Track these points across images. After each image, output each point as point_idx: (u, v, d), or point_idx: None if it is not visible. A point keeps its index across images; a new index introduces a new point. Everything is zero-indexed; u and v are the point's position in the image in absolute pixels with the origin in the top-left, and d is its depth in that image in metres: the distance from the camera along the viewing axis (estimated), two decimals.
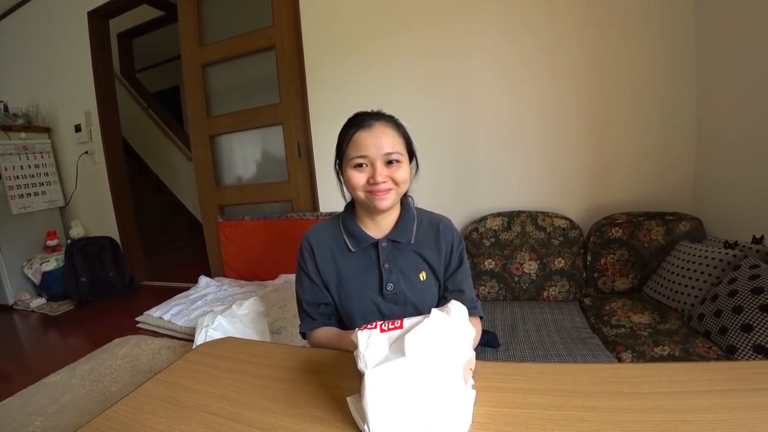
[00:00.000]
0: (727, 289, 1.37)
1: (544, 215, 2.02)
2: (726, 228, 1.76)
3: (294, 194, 2.57)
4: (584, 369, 0.70)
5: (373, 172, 0.82)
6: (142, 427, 0.64)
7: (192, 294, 2.33)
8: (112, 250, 3.21)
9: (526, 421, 0.58)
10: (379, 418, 0.56)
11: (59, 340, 2.49)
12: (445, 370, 0.56)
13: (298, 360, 0.81)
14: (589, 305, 1.80)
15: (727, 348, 1.27)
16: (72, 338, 2.49)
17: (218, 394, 0.72)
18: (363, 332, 0.60)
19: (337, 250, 0.93)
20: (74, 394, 1.71)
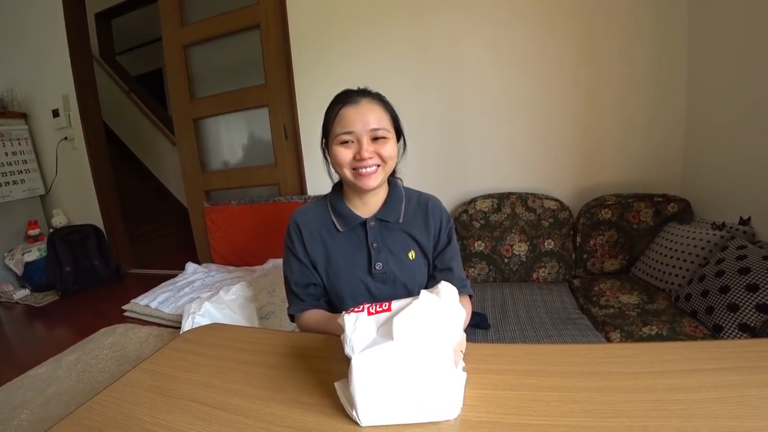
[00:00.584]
0: (714, 269, 1.38)
1: (533, 197, 2.01)
2: (713, 209, 1.77)
3: (281, 177, 2.53)
4: (575, 349, 0.69)
5: (359, 148, 0.81)
6: (126, 418, 0.62)
7: (179, 281, 2.30)
8: (96, 238, 3.13)
9: (518, 403, 0.57)
10: (368, 403, 0.54)
11: (44, 331, 2.45)
12: (435, 354, 0.55)
13: (285, 345, 0.80)
14: (578, 286, 1.82)
15: (713, 327, 1.29)
16: (57, 329, 2.45)
17: (203, 382, 0.70)
18: (350, 315, 0.58)
19: (324, 230, 0.92)
20: (60, 386, 1.69)
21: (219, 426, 0.58)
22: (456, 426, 0.54)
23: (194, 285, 2.20)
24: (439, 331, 0.55)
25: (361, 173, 0.83)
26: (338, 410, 0.58)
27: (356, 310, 0.59)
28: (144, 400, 0.66)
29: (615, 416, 0.52)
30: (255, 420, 0.58)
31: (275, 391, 0.65)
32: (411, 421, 0.55)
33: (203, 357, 0.80)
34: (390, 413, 0.55)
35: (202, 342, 0.87)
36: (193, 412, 0.62)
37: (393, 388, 0.54)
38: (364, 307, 0.59)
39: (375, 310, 0.58)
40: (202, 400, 0.64)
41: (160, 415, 0.62)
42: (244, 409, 0.61)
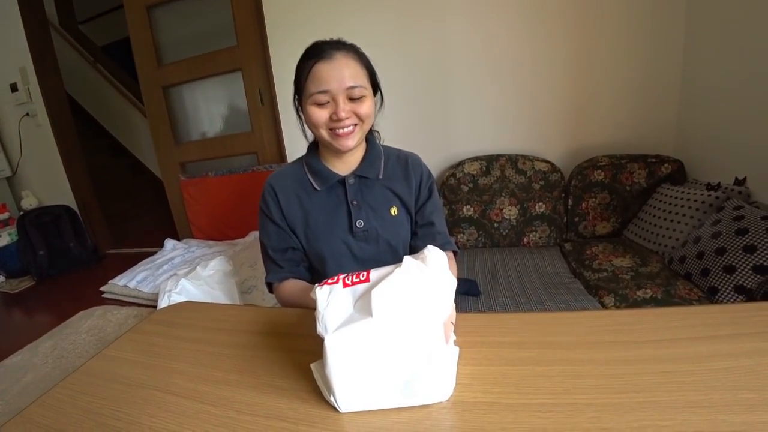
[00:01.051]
0: (710, 230, 1.35)
1: (524, 158, 1.94)
2: (707, 170, 1.74)
3: (259, 145, 2.42)
4: (576, 317, 0.64)
5: (336, 107, 0.77)
6: (82, 412, 0.56)
7: (158, 259, 2.21)
8: (69, 219, 2.99)
9: (516, 379, 0.51)
10: (346, 387, 0.48)
11: (21, 318, 2.37)
12: (421, 330, 0.48)
13: (260, 322, 0.74)
14: (569, 250, 1.78)
15: (708, 289, 1.26)
16: (34, 315, 2.37)
17: (170, 368, 0.64)
18: (322, 289, 0.51)
19: (301, 191, 0.88)
20: (37, 374, 1.63)
21: (184, 417, 0.52)
22: (448, 408, 0.48)
23: (173, 262, 2.12)
24: (425, 303, 0.48)
25: (338, 133, 0.79)
26: (316, 394, 0.52)
27: (330, 282, 0.52)
28: (104, 392, 0.60)
29: (624, 391, 0.47)
30: (223, 409, 0.53)
31: (247, 374, 0.59)
32: (397, 405, 0.48)
33: (171, 340, 0.74)
34: (372, 398, 0.48)
35: (171, 323, 0.80)
36: (157, 403, 0.56)
37: (374, 370, 0.48)
38: (339, 278, 0.52)
39: (351, 281, 0.51)
40: (168, 389, 0.58)
41: (121, 407, 0.56)
42: (213, 397, 0.55)
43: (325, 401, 0.50)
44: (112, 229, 3.40)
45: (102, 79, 4.15)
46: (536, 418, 0.44)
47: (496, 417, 0.45)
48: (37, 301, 2.56)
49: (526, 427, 0.43)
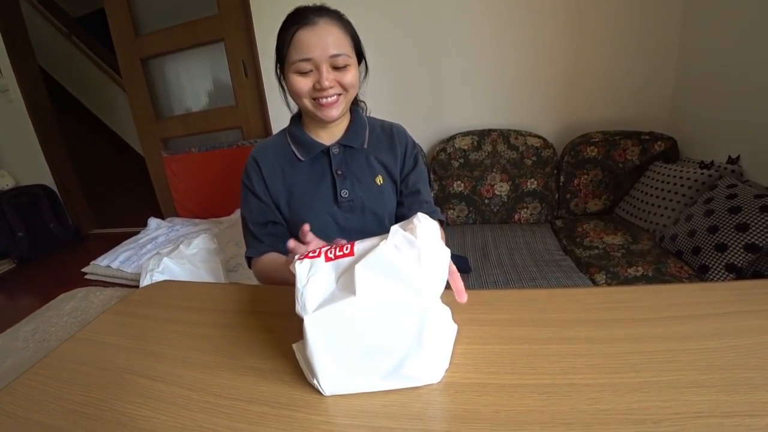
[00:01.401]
0: (702, 209, 1.34)
1: (516, 134, 1.90)
2: (700, 148, 1.72)
3: (243, 120, 2.33)
4: (572, 294, 0.62)
5: (319, 76, 0.75)
6: (53, 399, 0.52)
7: (141, 238, 2.15)
8: (48, 199, 2.91)
9: (512, 359, 0.49)
10: (329, 370, 0.45)
11: (2, 301, 2.32)
12: (410, 308, 0.44)
13: (242, 301, 0.71)
14: (561, 227, 1.77)
15: (699, 267, 1.26)
16: (16, 299, 2.32)
17: (146, 350, 0.61)
18: (302, 263, 0.47)
19: (285, 162, 0.86)
20: (18, 358, 1.59)
21: (159, 402, 0.49)
22: (439, 390, 0.46)
23: (157, 241, 2.06)
24: (414, 280, 0.44)
25: (322, 103, 0.77)
26: (299, 377, 0.49)
27: (311, 255, 0.48)
28: (76, 377, 0.56)
29: (623, 371, 0.45)
30: (202, 393, 0.50)
31: (227, 356, 0.56)
32: (384, 388, 0.46)
33: (148, 321, 0.70)
34: (358, 381, 0.45)
35: (149, 303, 0.77)
36: (132, 388, 0.52)
37: (359, 351, 0.45)
38: (321, 251, 0.48)
39: (334, 255, 0.47)
40: (144, 373, 0.55)
41: (94, 393, 0.52)
42: (191, 381, 0.52)
43: (309, 384, 0.47)
44: (93, 209, 3.31)
45: (78, 52, 3.96)
46: (532, 399, 0.42)
47: (489, 399, 0.43)
48: (18, 283, 2.51)
49: (522, 409, 0.41)
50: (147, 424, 0.45)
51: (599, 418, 0.39)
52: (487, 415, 0.41)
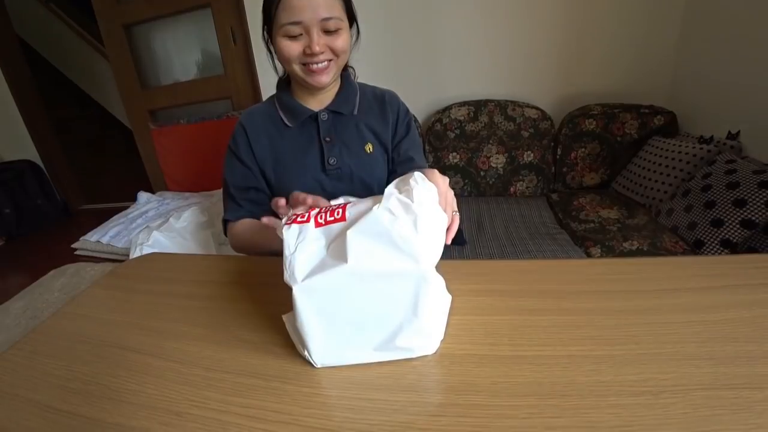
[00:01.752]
0: (700, 184, 1.33)
1: (514, 105, 1.85)
2: (700, 123, 1.70)
3: (233, 89, 2.25)
4: (571, 265, 0.60)
5: (309, 41, 0.70)
6: (38, 374, 0.51)
7: (131, 213, 2.10)
8: (34, 174, 2.83)
9: (507, 329, 0.48)
10: (320, 341, 0.43)
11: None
12: (405, 277, 0.42)
13: (230, 272, 0.69)
14: (557, 201, 1.76)
15: (694, 242, 1.26)
16: (5, 276, 2.28)
17: (133, 323, 0.59)
18: (291, 228, 0.44)
19: (272, 128, 0.83)
20: (10, 334, 1.57)
21: (146, 376, 0.48)
22: (435, 362, 0.44)
23: (147, 215, 2.02)
24: (409, 247, 0.41)
25: (312, 69, 0.73)
26: (289, 348, 0.48)
27: (299, 220, 0.45)
28: (61, 352, 0.55)
29: (623, 342, 0.44)
30: (190, 366, 0.48)
31: (216, 328, 0.54)
32: (378, 359, 0.44)
33: (135, 293, 0.68)
34: (350, 352, 0.44)
35: (137, 276, 0.75)
36: (119, 362, 0.51)
37: (351, 321, 0.43)
38: (310, 215, 0.45)
39: (324, 220, 0.44)
40: (130, 346, 0.54)
41: (79, 367, 0.51)
42: (179, 354, 0.51)
43: (300, 356, 0.46)
44: (82, 185, 3.24)
45: (58, 20, 3.77)
46: (530, 371, 0.41)
47: (486, 370, 0.42)
48: (7, 261, 2.46)
49: (520, 381, 0.40)
50: (134, 398, 0.44)
51: (598, 390, 0.38)
52: (484, 386, 0.40)
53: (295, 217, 0.45)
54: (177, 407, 0.42)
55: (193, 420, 0.40)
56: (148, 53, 2.41)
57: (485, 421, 0.36)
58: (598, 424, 0.35)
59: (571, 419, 0.36)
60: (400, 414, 0.38)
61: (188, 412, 0.41)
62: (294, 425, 0.38)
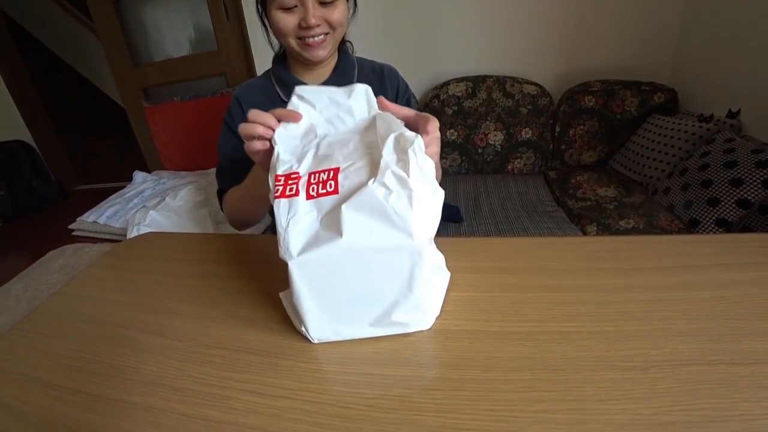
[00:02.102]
0: (698, 163, 1.32)
1: (512, 81, 1.83)
2: (701, 102, 1.68)
3: (226, 65, 2.21)
4: (566, 243, 0.61)
5: (305, 13, 0.68)
6: (39, 353, 0.51)
7: (127, 192, 2.10)
8: (27, 155, 2.80)
9: (502, 305, 0.48)
10: (317, 317, 0.44)
11: None
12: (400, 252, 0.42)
13: (227, 251, 0.69)
14: (554, 178, 1.75)
15: (690, 222, 1.26)
16: (4, 258, 2.29)
17: (132, 302, 0.60)
18: (281, 203, 0.43)
19: (268, 102, 0.81)
20: (11, 316, 1.60)
21: (146, 354, 0.48)
22: (430, 337, 0.45)
23: (144, 195, 2.01)
24: (405, 222, 0.41)
25: (308, 43, 0.71)
26: (286, 325, 0.49)
27: (289, 194, 0.43)
28: (61, 331, 0.55)
29: (614, 319, 0.44)
30: (189, 343, 0.49)
31: (214, 306, 0.55)
32: (374, 335, 0.45)
33: (133, 273, 0.69)
34: (347, 327, 0.45)
35: (134, 255, 0.75)
36: (117, 340, 0.52)
37: (347, 297, 0.44)
38: (297, 185, 0.44)
39: (316, 193, 0.43)
40: (129, 324, 0.54)
41: (78, 345, 0.51)
42: (179, 332, 0.51)
43: (297, 332, 0.47)
44: (77, 165, 3.22)
45: None
46: (523, 346, 0.42)
47: (480, 345, 0.43)
48: (5, 243, 2.47)
49: (513, 356, 0.41)
50: (136, 375, 0.45)
51: (588, 365, 0.39)
52: (478, 361, 0.41)
53: (283, 189, 0.44)
54: (178, 383, 0.43)
55: (193, 395, 0.41)
56: (139, 29, 2.35)
57: (479, 394, 0.37)
58: (588, 397, 0.36)
59: (562, 393, 0.36)
60: (396, 388, 0.39)
61: (189, 387, 0.42)
62: (292, 399, 0.39)
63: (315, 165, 0.46)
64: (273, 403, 0.39)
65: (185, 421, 0.38)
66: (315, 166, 0.45)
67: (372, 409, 0.37)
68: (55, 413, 0.41)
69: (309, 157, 0.47)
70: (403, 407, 0.37)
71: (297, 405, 0.38)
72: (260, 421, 0.37)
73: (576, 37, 1.87)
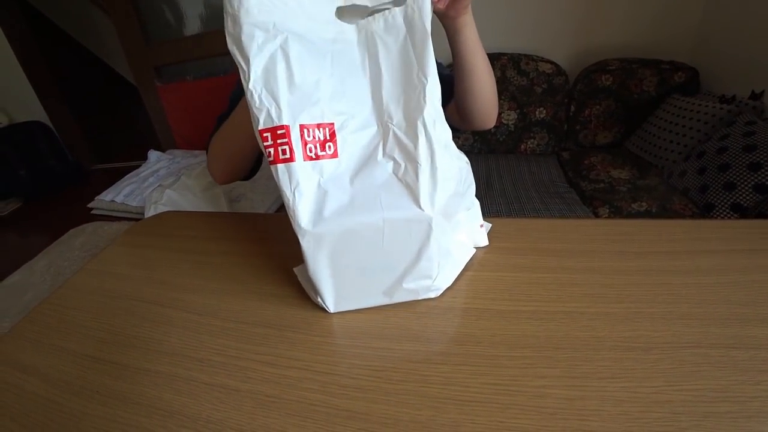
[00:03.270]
0: (716, 145, 1.29)
1: (527, 59, 1.79)
2: (723, 82, 1.62)
3: None
4: (574, 225, 0.61)
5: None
6: (68, 326, 0.55)
7: (143, 171, 2.14)
8: (45, 136, 2.84)
9: (509, 285, 0.49)
10: (331, 287, 0.46)
11: (14, 239, 2.38)
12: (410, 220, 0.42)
13: (244, 229, 0.71)
14: (567, 159, 1.73)
15: (704, 206, 1.24)
16: (27, 236, 2.38)
17: (153, 278, 0.62)
18: (280, 168, 0.40)
19: None
20: (37, 290, 1.66)
21: (168, 327, 0.51)
22: (438, 314, 0.47)
23: (159, 174, 2.05)
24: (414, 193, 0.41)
25: None
26: (301, 300, 0.51)
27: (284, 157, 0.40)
28: (88, 305, 0.58)
29: (619, 301, 0.45)
30: (208, 317, 0.51)
31: (231, 282, 0.57)
32: (386, 302, 0.47)
33: (154, 250, 0.71)
34: (362, 295, 0.47)
35: (154, 233, 0.78)
36: (141, 314, 0.54)
37: (360, 266, 0.45)
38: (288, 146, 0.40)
39: (315, 154, 0.41)
40: (152, 299, 0.57)
41: (106, 319, 0.54)
42: (198, 306, 0.54)
43: (311, 306, 0.49)
44: (93, 145, 3.26)
45: None
46: (528, 325, 0.43)
47: (486, 323, 0.44)
48: (27, 221, 2.54)
49: (517, 334, 0.42)
50: (158, 346, 0.48)
51: (591, 345, 0.40)
52: (483, 338, 0.42)
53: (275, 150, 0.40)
54: (198, 354, 0.45)
55: (213, 365, 0.43)
56: (151, 7, 2.34)
57: (483, 369, 0.39)
58: (590, 374, 0.37)
59: (564, 370, 0.38)
60: (405, 361, 0.41)
61: (209, 358, 0.44)
62: (305, 370, 0.41)
63: (297, 105, 0.40)
64: (287, 374, 0.41)
65: (206, 389, 0.41)
66: (298, 108, 0.40)
67: (381, 380, 0.39)
68: (87, 380, 0.44)
69: (281, 84, 0.39)
70: (411, 379, 0.39)
71: (310, 375, 0.41)
72: (276, 389, 0.40)
73: (593, 13, 1.81)
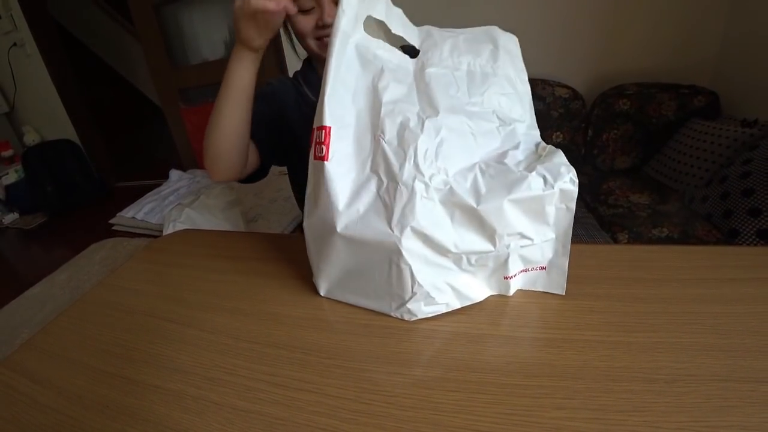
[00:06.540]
0: (739, 170, 1.26)
1: (544, 83, 1.79)
2: (744, 106, 1.59)
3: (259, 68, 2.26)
4: (593, 250, 0.60)
5: (321, 13, 0.68)
6: (85, 339, 0.55)
7: (164, 190, 2.20)
8: (73, 153, 2.98)
9: (526, 311, 0.48)
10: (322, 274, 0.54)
11: (38, 252, 2.46)
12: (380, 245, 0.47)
13: (260, 249, 0.72)
14: (585, 184, 1.71)
15: (728, 232, 1.20)
16: (50, 250, 2.45)
17: (168, 296, 0.63)
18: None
19: (294, 100, 0.84)
20: (56, 303, 1.70)
21: (181, 344, 0.51)
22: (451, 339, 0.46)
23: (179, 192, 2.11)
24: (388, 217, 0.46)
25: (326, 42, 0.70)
26: (314, 321, 0.51)
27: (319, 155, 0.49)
28: (104, 319, 0.59)
29: (640, 330, 0.43)
30: (220, 335, 0.52)
31: (245, 301, 0.57)
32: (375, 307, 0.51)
33: (170, 267, 0.72)
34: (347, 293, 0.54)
35: (171, 251, 0.79)
36: (155, 330, 0.55)
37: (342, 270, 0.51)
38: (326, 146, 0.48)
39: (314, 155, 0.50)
40: (167, 316, 0.57)
41: (120, 334, 0.55)
42: (211, 325, 0.54)
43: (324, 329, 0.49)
44: (117, 163, 3.38)
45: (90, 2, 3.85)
46: (544, 353, 0.42)
47: (500, 350, 0.43)
48: (50, 235, 2.63)
49: (533, 362, 0.41)
50: (170, 363, 0.48)
51: (611, 375, 0.39)
52: (498, 365, 0.41)
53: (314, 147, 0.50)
54: (209, 373, 0.45)
55: (223, 385, 0.43)
56: (177, 32, 2.46)
57: (498, 398, 0.38)
58: (609, 407, 0.35)
59: (582, 401, 0.36)
60: (417, 387, 0.40)
61: (219, 377, 0.44)
62: (314, 393, 0.41)
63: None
64: (296, 396, 0.41)
65: (215, 408, 0.41)
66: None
67: (392, 406, 0.38)
68: (97, 394, 0.45)
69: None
70: (423, 406, 0.38)
71: (320, 399, 0.40)
72: (285, 412, 0.39)
73: (612, 37, 1.81)
